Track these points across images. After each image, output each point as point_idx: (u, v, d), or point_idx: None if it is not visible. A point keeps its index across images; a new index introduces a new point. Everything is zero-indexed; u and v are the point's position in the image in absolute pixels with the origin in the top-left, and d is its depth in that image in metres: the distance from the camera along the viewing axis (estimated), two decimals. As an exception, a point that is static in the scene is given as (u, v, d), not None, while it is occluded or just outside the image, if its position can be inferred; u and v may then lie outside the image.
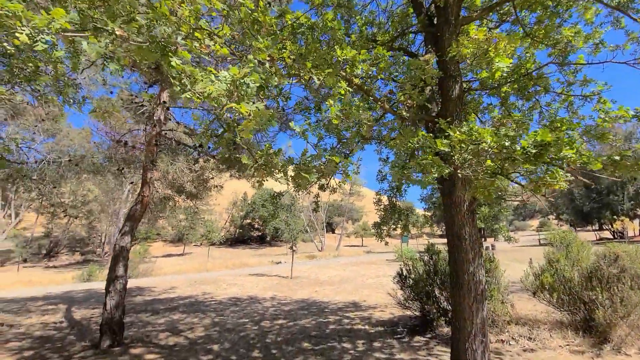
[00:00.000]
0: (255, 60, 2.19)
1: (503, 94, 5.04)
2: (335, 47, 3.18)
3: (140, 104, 10.25)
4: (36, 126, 14.60)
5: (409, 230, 10.47)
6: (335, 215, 69.08)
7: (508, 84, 4.62)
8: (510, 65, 2.96)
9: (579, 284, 7.21)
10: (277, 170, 2.56)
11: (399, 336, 8.23)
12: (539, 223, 78.51)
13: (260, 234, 61.56)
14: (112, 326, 7.86)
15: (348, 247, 59.87)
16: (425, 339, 7.88)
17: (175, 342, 8.20)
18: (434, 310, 8.24)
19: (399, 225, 9.59)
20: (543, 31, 4.34)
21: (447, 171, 2.83)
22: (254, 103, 1.81)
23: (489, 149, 2.87)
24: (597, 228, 43.90)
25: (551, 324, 7.57)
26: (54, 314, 11.64)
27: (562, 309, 7.59)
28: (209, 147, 9.49)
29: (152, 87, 9.14)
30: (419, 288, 8.53)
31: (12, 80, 5.69)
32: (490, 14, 4.75)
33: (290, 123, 2.41)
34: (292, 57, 2.68)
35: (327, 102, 2.75)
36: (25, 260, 37.74)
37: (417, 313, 8.92)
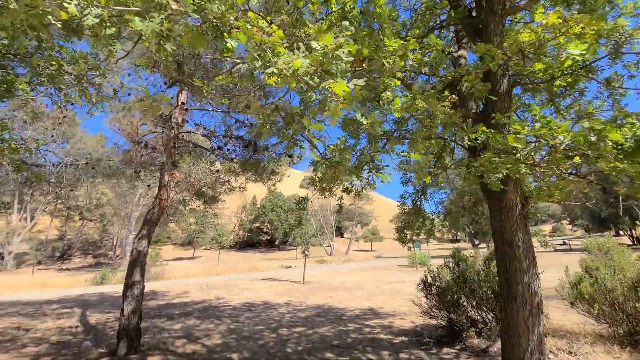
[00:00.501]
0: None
1: (556, 88, 4.70)
2: (384, 37, 2.90)
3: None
4: (54, 129, 14.68)
5: (433, 235, 10.07)
6: (345, 219, 68.58)
7: (561, 78, 4.29)
8: (584, 52, 2.64)
9: (622, 295, 6.74)
10: (347, 170, 2.24)
11: (425, 347, 7.82)
12: (551, 228, 76.72)
13: (269, 238, 61.40)
14: (129, 332, 7.65)
15: (357, 251, 59.29)
16: (454, 350, 7.47)
17: (193, 349, 7.95)
18: (464, 321, 7.82)
19: (422, 230, 9.23)
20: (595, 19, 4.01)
21: (523, 171, 2.51)
22: (349, 80, 1.53)
23: (566, 146, 2.54)
24: (615, 234, 42.58)
25: (592, 337, 7.09)
26: (69, 318, 11.51)
27: (602, 321, 7.12)
28: (228, 149, 9.30)
29: (171, 87, 9.01)
30: (447, 296, 8.13)
31: (35, 81, 5.56)
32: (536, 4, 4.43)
33: (357, 114, 2.11)
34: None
35: (384, 95, 2.47)
36: (39, 263, 38.19)
37: (443, 323, 8.50)
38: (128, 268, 8.56)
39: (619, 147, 2.27)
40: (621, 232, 38.21)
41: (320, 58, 1.53)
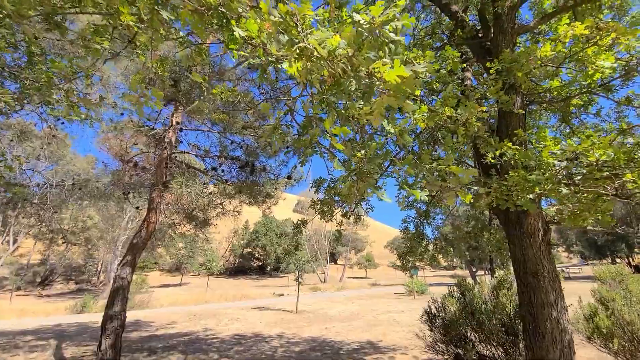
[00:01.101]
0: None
1: (572, 107, 4.55)
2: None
3: (152, 127, 9.85)
4: (42, 148, 14.22)
5: (437, 262, 9.63)
6: (339, 244, 67.50)
7: (578, 96, 4.14)
8: (615, 64, 2.45)
9: (641, 328, 6.31)
10: (374, 184, 1.84)
11: (432, 387, 7.20)
12: (547, 255, 75.78)
13: (260, 264, 59.71)
14: (106, 371, 6.90)
15: (352, 278, 57.82)
16: (465, 391, 6.86)
17: (177, 390, 7.17)
18: (473, 357, 7.25)
19: (425, 256, 8.82)
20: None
21: (565, 191, 2.21)
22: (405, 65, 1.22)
23: (604, 163, 2.26)
24: (612, 261, 42.30)
25: (612, 375, 6.58)
26: (42, 352, 10.53)
27: (622, 357, 6.62)
28: (223, 170, 8.94)
29: (166, 106, 8.77)
30: (453, 330, 7.59)
31: (23, 97, 5.25)
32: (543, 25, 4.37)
33: (385, 121, 1.82)
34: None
35: (405, 104, 2.20)
36: (18, 289, 36.18)
37: (450, 359, 7.90)
38: (109, 297, 7.90)
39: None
40: (618, 260, 38.02)
41: (366, 34, 1.22)
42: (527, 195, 2.38)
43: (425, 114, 2.13)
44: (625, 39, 2.52)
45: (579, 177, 2.51)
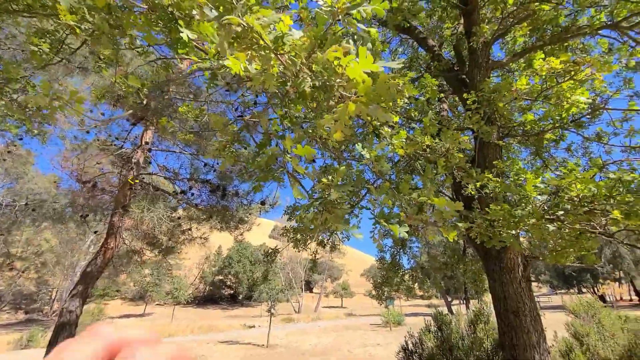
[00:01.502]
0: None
1: (546, 142, 4.63)
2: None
3: (120, 146, 9.31)
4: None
5: (412, 293, 9.37)
6: (315, 272, 65.93)
7: (551, 131, 4.22)
8: (589, 99, 2.45)
9: (616, 365, 6.25)
10: (341, 216, 1.55)
11: None
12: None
13: (232, 292, 56.92)
14: None
15: (327, 308, 56.14)
16: None
17: None
18: (452, 398, 6.89)
19: (401, 286, 8.55)
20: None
21: (552, 228, 2.07)
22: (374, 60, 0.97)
23: (584, 198, 2.16)
24: (578, 291, 43.70)
25: (591, 416, 6.39)
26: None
27: (599, 396, 6.48)
28: (192, 194, 8.46)
29: (135, 125, 8.33)
30: (431, 367, 7.24)
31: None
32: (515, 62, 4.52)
33: (357, 145, 1.63)
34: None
35: (382, 130, 2.04)
36: (-48, 321, 32.17)
37: (428, 399, 7.47)
38: (53, 334, 6.99)
39: (660, 201, 1.93)
40: (584, 290, 39.31)
41: (329, 20, 0.98)
42: (512, 231, 2.24)
43: (404, 141, 1.98)
44: (599, 75, 2.57)
45: (560, 212, 2.41)
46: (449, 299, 34.76)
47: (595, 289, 35.77)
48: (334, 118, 0.93)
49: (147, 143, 8.29)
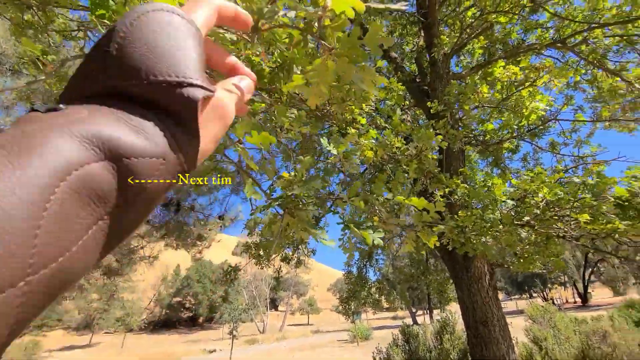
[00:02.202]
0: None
1: (504, 151, 4.78)
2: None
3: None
4: None
5: (380, 307, 9.26)
6: (280, 289, 64.18)
7: (509, 140, 4.37)
8: (548, 107, 2.51)
9: (571, 367, 6.48)
10: (307, 221, 1.27)
11: None
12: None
13: (191, 314, 53.46)
14: None
15: (293, 326, 54.66)
16: None
17: None
18: (421, 414, 6.73)
19: (369, 300, 8.39)
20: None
21: (524, 234, 1.99)
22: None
23: (549, 203, 2.14)
24: (529, 296, 46.61)
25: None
26: None
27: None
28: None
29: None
30: (400, 384, 7.06)
31: None
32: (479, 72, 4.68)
33: (322, 139, 1.43)
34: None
35: (349, 129, 1.87)
36: None
37: (397, 417, 7.26)
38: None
39: (624, 203, 1.94)
40: (534, 295, 41.97)
41: None
42: (483, 238, 2.15)
43: (373, 141, 1.83)
44: (557, 82, 2.67)
45: (527, 218, 2.38)
46: (414, 310, 35.33)
47: (544, 293, 38.38)
48: (308, 77, 0.71)
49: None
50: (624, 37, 4.55)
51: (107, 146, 0.25)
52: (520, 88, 2.90)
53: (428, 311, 32.07)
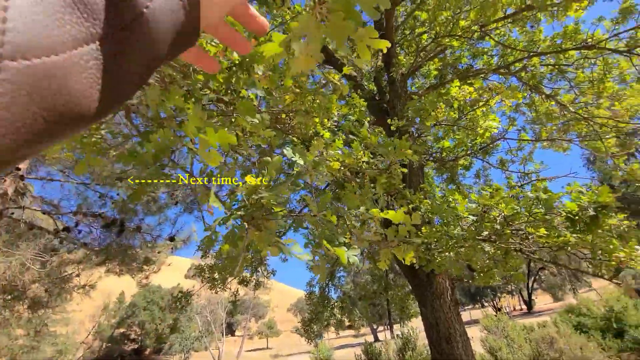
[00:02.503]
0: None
1: (459, 167, 4.98)
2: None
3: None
4: None
5: (342, 326, 9.06)
6: (237, 312, 60.96)
7: (464, 157, 4.57)
8: (498, 125, 2.63)
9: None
10: (272, 235, 1.03)
11: None
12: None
13: (137, 347, 48.52)
14: None
15: (251, 351, 52.00)
16: None
17: None
18: None
19: (332, 321, 8.18)
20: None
21: (487, 248, 1.98)
22: None
23: (506, 218, 2.19)
24: (481, 306, 49.07)
25: None
26: None
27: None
28: (80, 231, 6.87)
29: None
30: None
31: None
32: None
33: (285, 149, 1.29)
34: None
35: (314, 140, 1.76)
36: None
37: None
38: None
39: (575, 217, 2.03)
40: (485, 304, 44.26)
41: None
42: (447, 254, 2.12)
43: (340, 152, 1.74)
44: (508, 102, 2.84)
45: (485, 233, 2.42)
46: (375, 326, 35.38)
47: (494, 302, 40.65)
48: (293, 37, 0.56)
49: (18, 169, 6.61)
50: (556, 66, 5.09)
51: None
52: (475, 107, 3.08)
53: (389, 327, 32.31)
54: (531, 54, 4.61)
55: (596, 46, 4.17)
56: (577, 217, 2.08)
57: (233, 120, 1.03)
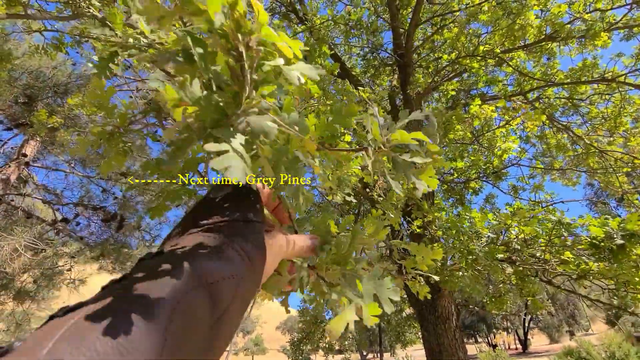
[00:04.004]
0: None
1: (471, 190, 4.90)
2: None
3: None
4: None
5: (332, 351, 8.75)
6: (225, 326, 58.96)
7: (475, 180, 4.50)
8: (519, 148, 2.59)
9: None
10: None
11: None
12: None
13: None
14: None
15: (235, 368, 50.20)
16: None
17: None
18: None
19: (322, 342, 7.87)
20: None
21: (509, 270, 1.87)
22: None
23: (530, 240, 2.09)
24: (474, 341, 47.58)
25: None
26: None
27: None
28: (78, 223, 6.75)
29: (11, 130, 6.62)
30: None
31: None
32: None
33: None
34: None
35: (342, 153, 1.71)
36: None
37: None
38: None
39: (600, 244, 1.94)
40: (479, 339, 42.94)
41: None
42: (466, 272, 2.01)
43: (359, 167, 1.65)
44: (531, 124, 2.80)
45: (500, 255, 2.32)
46: (364, 353, 34.24)
47: (489, 338, 39.46)
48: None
49: (24, 155, 6.59)
50: (570, 100, 5.11)
51: (203, 274, 0.33)
52: (494, 127, 3.06)
53: (379, 354, 31.25)
54: (549, 83, 4.64)
55: (615, 80, 4.19)
56: (602, 244, 1.99)
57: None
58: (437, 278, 1.29)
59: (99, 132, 1.09)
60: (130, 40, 1.08)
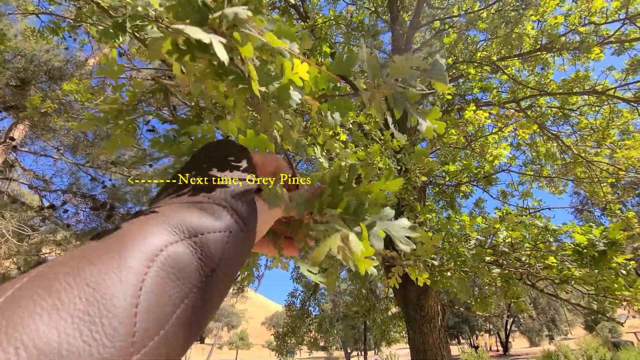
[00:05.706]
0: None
1: (461, 193, 4.99)
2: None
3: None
4: None
5: (316, 347, 8.83)
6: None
7: (466, 184, 4.59)
8: (509, 155, 2.66)
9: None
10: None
11: None
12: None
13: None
14: None
15: (219, 362, 50.18)
16: None
17: None
18: None
19: (306, 337, 7.93)
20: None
21: (496, 270, 1.93)
22: None
23: (516, 244, 2.16)
24: (457, 342, 48.43)
25: None
26: None
27: None
28: (66, 210, 6.62)
29: (0, 113, 6.45)
30: None
31: None
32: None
33: (312, 148, 1.26)
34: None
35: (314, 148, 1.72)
36: None
37: None
38: None
39: (583, 250, 2.02)
40: (462, 341, 43.74)
41: None
42: (454, 273, 2.07)
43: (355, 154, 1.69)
44: (522, 132, 2.88)
45: (488, 258, 2.38)
46: (349, 351, 34.51)
47: (472, 339, 40.26)
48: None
49: (12, 139, 6.44)
50: (561, 109, 5.24)
51: (185, 227, 0.32)
52: (487, 133, 3.13)
53: (363, 352, 31.54)
54: (542, 92, 4.75)
55: (605, 93, 4.33)
56: (585, 251, 2.07)
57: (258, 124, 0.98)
58: (436, 263, 1.33)
59: (108, 109, 1.08)
60: (139, 8, 1.04)
